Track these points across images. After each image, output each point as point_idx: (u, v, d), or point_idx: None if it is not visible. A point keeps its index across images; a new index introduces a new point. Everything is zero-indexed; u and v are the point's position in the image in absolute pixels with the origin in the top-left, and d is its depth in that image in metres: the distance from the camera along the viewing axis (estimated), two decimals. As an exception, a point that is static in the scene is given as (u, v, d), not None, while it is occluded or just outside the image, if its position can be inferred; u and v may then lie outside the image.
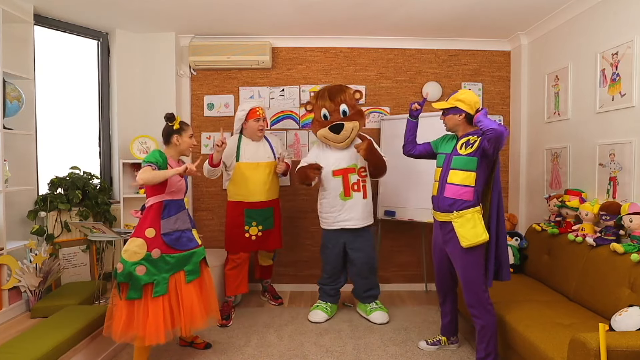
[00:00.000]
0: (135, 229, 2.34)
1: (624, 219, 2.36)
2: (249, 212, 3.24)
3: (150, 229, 2.29)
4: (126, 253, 2.24)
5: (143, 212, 2.39)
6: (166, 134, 2.44)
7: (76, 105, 3.69)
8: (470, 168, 2.31)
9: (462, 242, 2.29)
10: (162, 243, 2.30)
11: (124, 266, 2.23)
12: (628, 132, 2.53)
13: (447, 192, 2.37)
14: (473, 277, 2.31)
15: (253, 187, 3.23)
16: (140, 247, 2.25)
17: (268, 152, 3.32)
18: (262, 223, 3.28)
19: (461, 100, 2.36)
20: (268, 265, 3.58)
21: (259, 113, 3.24)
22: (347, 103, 3.08)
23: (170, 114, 2.43)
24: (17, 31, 3.07)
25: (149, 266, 2.25)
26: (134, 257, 2.23)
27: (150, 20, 3.50)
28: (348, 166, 3.13)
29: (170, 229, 2.35)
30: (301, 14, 3.36)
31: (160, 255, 2.29)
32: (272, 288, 3.70)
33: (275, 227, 3.36)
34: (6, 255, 2.82)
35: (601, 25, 2.80)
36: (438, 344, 2.70)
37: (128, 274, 2.22)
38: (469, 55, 4.00)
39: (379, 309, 3.22)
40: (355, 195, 3.12)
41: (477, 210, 2.31)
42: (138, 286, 2.22)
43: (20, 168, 3.08)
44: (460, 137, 2.43)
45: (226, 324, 3.14)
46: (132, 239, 2.27)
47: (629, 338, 1.64)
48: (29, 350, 2.09)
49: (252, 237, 3.25)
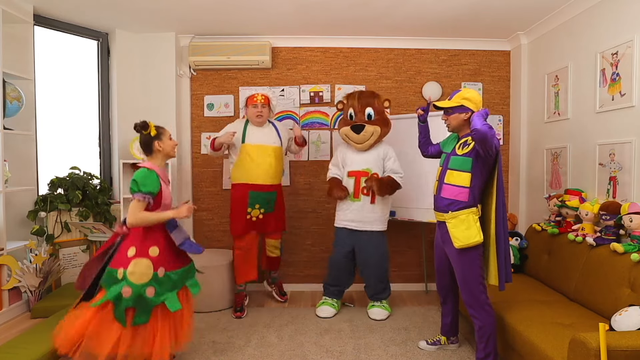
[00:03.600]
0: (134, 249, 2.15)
1: (624, 219, 2.36)
2: (252, 194, 3.24)
3: (153, 247, 2.17)
4: (133, 276, 2.08)
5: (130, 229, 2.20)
6: (146, 144, 2.26)
7: (76, 105, 3.69)
8: (466, 169, 2.30)
9: (454, 243, 2.28)
10: (166, 261, 2.20)
11: (133, 290, 2.07)
12: (628, 132, 2.53)
13: (444, 192, 2.37)
14: (469, 278, 2.30)
15: (258, 169, 3.22)
16: (148, 268, 2.12)
17: (274, 137, 3.32)
18: (264, 206, 3.29)
19: (467, 99, 2.32)
20: (276, 256, 3.55)
21: (256, 99, 3.24)
22: (374, 108, 3.18)
23: (142, 123, 2.23)
24: (17, 31, 3.07)
25: (157, 286, 2.14)
26: (143, 278, 2.10)
27: (150, 20, 3.50)
28: (362, 169, 3.19)
29: (183, 238, 2.26)
30: (301, 14, 3.36)
31: (165, 273, 2.19)
32: (280, 283, 3.70)
33: (276, 210, 3.37)
34: (6, 256, 2.83)
35: (601, 25, 2.80)
36: (438, 343, 2.70)
37: (138, 298, 2.08)
38: (469, 55, 4.00)
39: (380, 306, 3.25)
40: (363, 199, 3.16)
41: (472, 211, 2.29)
42: (147, 309, 2.11)
43: (20, 168, 3.08)
44: (462, 136, 2.41)
45: (240, 315, 3.23)
46: (137, 260, 2.11)
47: (629, 338, 1.64)
48: (29, 350, 2.09)
49: (253, 218, 3.27)
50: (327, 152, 3.97)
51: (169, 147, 2.32)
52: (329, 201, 3.99)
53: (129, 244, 2.17)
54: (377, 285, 3.26)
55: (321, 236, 4.00)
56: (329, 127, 3.98)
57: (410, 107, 3.97)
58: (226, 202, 3.94)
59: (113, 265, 2.14)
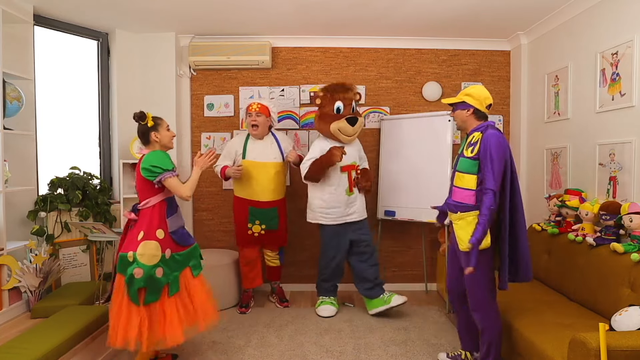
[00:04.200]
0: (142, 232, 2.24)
1: (624, 219, 2.36)
2: (252, 210, 3.29)
3: (159, 230, 2.27)
4: (143, 257, 2.18)
5: (138, 214, 2.31)
6: (143, 134, 2.34)
7: (76, 105, 3.69)
8: (472, 171, 2.23)
9: (460, 246, 2.23)
10: (171, 242, 2.31)
11: (144, 270, 2.16)
12: (628, 131, 2.53)
13: (454, 195, 2.32)
14: (475, 281, 2.23)
15: (257, 186, 3.26)
16: (156, 249, 2.23)
17: (275, 153, 3.33)
18: (265, 222, 3.31)
19: (469, 95, 2.28)
20: (275, 266, 3.58)
21: (251, 108, 3.26)
22: (355, 100, 3.24)
23: (140, 113, 2.31)
24: (17, 31, 3.07)
25: (165, 267, 2.25)
26: (153, 260, 2.20)
27: (150, 20, 3.50)
28: (352, 162, 3.25)
29: (177, 226, 2.37)
30: (301, 14, 3.36)
31: (171, 254, 2.30)
32: (280, 290, 3.68)
33: (279, 228, 3.40)
34: (6, 256, 2.82)
35: (601, 25, 2.80)
36: (459, 358, 2.49)
37: (149, 278, 2.17)
38: (469, 55, 4.00)
39: (394, 294, 3.24)
40: (355, 191, 3.27)
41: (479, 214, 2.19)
42: (157, 288, 2.21)
43: (20, 168, 3.08)
44: (468, 134, 2.35)
45: (245, 311, 3.38)
46: (146, 242, 2.21)
47: (629, 338, 1.64)
48: (29, 350, 2.09)
49: (255, 234, 3.32)
50: (327, 152, 3.97)
51: (166, 139, 2.37)
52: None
53: (138, 228, 2.27)
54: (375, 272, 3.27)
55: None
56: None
57: (410, 107, 3.97)
58: (226, 202, 3.94)
59: (123, 250, 2.25)
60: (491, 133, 2.18)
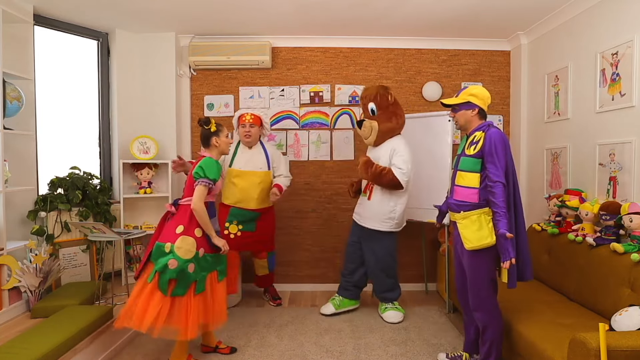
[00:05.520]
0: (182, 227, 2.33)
1: (624, 219, 2.36)
2: (232, 210, 3.28)
3: (198, 229, 2.36)
4: (180, 250, 2.27)
5: (178, 208, 2.42)
6: (205, 138, 2.52)
7: (76, 105, 3.69)
8: (475, 169, 2.23)
9: (465, 245, 2.22)
10: (205, 243, 2.39)
11: (179, 263, 2.25)
12: (628, 132, 2.53)
13: (456, 194, 2.32)
14: (477, 280, 2.24)
15: (241, 195, 3.26)
16: (192, 246, 2.31)
17: (262, 162, 3.32)
18: (242, 223, 3.28)
19: (474, 95, 2.28)
20: (264, 275, 3.57)
21: (244, 119, 3.27)
22: (375, 102, 3.14)
23: (205, 119, 2.51)
24: (17, 31, 3.07)
25: (196, 265, 2.33)
26: (188, 254, 2.29)
27: (150, 20, 3.50)
28: None
29: (215, 230, 2.45)
30: (301, 14, 3.36)
31: (204, 254, 2.38)
32: (272, 289, 3.69)
33: (258, 231, 3.32)
34: (6, 256, 2.82)
35: (601, 25, 2.80)
36: (459, 359, 2.52)
37: (181, 271, 2.26)
38: (468, 55, 4.00)
39: (394, 308, 3.24)
40: (368, 195, 3.22)
41: (484, 212, 2.20)
42: (186, 283, 2.29)
43: (20, 168, 3.08)
44: (469, 134, 2.35)
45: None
46: (184, 237, 2.31)
47: (629, 338, 1.64)
48: (29, 350, 2.09)
49: (231, 234, 3.24)
50: (327, 152, 3.97)
51: (225, 145, 2.55)
52: (328, 201, 4.00)
53: (178, 221, 2.36)
54: (384, 281, 3.24)
55: (321, 236, 4.00)
56: (329, 127, 3.98)
57: (410, 107, 3.97)
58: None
59: (162, 240, 2.33)
60: (495, 130, 2.23)
